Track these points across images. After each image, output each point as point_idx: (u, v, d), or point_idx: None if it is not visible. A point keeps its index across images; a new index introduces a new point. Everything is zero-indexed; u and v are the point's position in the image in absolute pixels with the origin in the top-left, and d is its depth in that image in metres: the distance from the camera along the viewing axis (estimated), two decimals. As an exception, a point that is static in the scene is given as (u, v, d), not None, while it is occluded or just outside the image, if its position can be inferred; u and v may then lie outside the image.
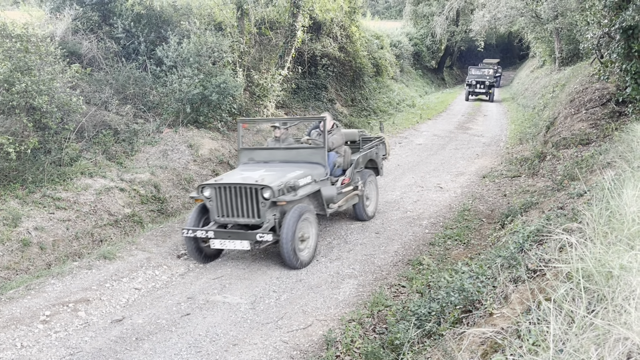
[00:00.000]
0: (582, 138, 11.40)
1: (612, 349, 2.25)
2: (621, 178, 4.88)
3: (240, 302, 6.41)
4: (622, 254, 3.02)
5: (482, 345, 3.46)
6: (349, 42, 21.64)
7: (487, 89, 31.99)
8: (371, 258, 7.77)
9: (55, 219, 8.58)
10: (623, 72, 10.80)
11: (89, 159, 10.35)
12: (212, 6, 15.43)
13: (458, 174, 13.00)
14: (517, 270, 4.61)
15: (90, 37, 13.10)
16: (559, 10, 20.72)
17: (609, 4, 10.31)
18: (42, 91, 9.15)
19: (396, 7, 46.95)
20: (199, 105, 12.70)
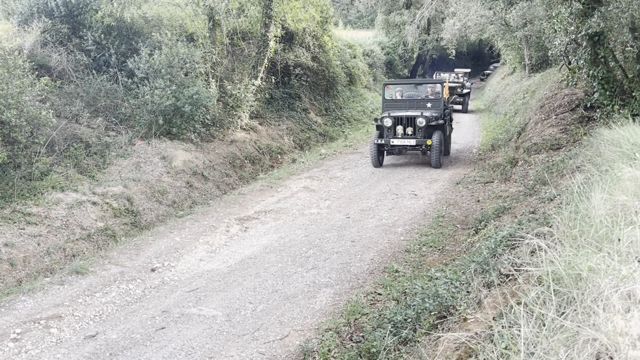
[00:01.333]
0: (552, 143, 11.57)
1: (581, 350, 2.28)
2: (590, 182, 4.97)
3: (216, 314, 6.36)
4: (591, 256, 3.07)
5: (457, 350, 3.48)
6: (322, 51, 21.72)
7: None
8: (347, 266, 7.77)
9: (25, 234, 8.42)
10: (590, 78, 11.01)
11: (60, 173, 10.20)
12: (183, 17, 15.37)
13: (432, 180, 13.10)
14: (490, 275, 4.66)
15: (59, 49, 12.95)
16: (528, 18, 21.05)
17: (575, 12, 10.51)
18: (10, 105, 9.01)
19: (368, 16, 47.29)
20: (172, 116, 12.61)
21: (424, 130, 13.96)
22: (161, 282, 7.46)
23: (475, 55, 52.55)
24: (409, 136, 14.10)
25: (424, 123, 13.81)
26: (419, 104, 15.14)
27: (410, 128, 14.05)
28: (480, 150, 16.86)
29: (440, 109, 14.84)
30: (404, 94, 15.77)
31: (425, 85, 16.12)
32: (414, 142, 13.94)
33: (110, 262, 7.98)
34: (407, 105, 15.16)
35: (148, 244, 8.79)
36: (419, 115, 13.99)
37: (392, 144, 14.11)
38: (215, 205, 11.12)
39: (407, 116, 14.11)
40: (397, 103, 15.38)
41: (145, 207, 10.57)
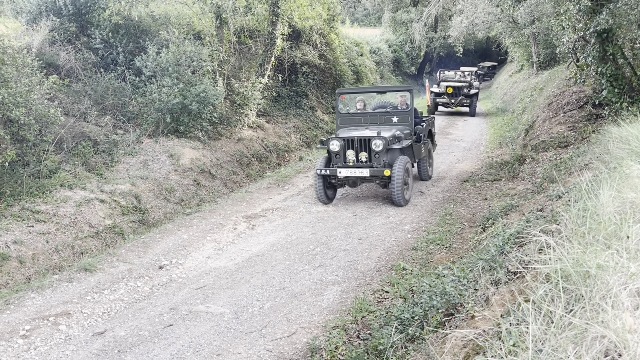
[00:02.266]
0: (560, 141, 11.53)
1: (589, 348, 2.27)
2: (598, 179, 4.94)
3: (224, 311, 6.38)
4: (599, 253, 3.05)
5: (464, 348, 3.48)
6: (329, 49, 21.70)
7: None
8: (354, 264, 7.78)
9: (34, 232, 8.47)
10: (599, 75, 10.95)
11: (69, 171, 10.25)
12: (190, 15, 15.40)
13: (439, 178, 13.08)
14: (498, 273, 4.65)
15: (67, 48, 13.00)
16: (535, 15, 20.95)
17: (584, 8, 10.46)
18: (19, 103, 9.06)
19: (375, 14, 47.23)
20: (179, 114, 12.64)
21: (383, 156, 10.46)
22: (169, 279, 7.49)
23: (483, 53, 52.34)
24: (362, 164, 10.52)
25: (381, 146, 10.26)
26: (383, 118, 11.88)
27: (365, 153, 10.50)
28: (488, 148, 16.80)
29: (408, 125, 11.61)
30: (368, 105, 13.00)
31: (393, 94, 13.39)
32: (367, 172, 10.25)
33: (118, 259, 8.02)
34: (369, 120, 11.88)
35: (156, 242, 8.82)
36: (374, 136, 10.39)
37: (340, 175, 10.44)
38: (223, 203, 11.15)
39: (360, 138, 10.53)
40: (355, 118, 12.08)
41: (153, 205, 10.61)
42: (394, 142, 10.69)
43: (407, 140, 11.07)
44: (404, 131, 11.26)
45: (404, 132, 11.22)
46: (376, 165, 10.39)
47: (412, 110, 11.65)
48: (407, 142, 10.91)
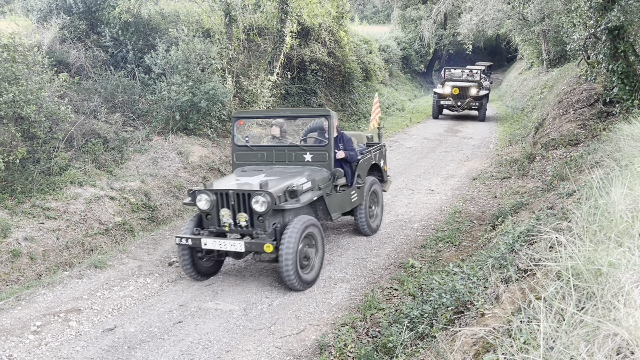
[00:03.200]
0: (570, 138, 11.47)
1: (601, 345, 2.26)
2: (609, 177, 4.91)
3: (233, 308, 6.39)
4: (611, 251, 3.04)
5: (474, 345, 3.47)
6: (338, 47, 21.67)
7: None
8: (363, 262, 7.77)
9: (45, 228, 8.53)
10: (610, 73, 10.89)
11: (79, 168, 10.30)
12: (200, 13, 15.43)
13: (448, 176, 13.04)
14: (508, 271, 4.64)
15: (78, 45, 13.06)
16: (546, 12, 20.82)
17: (595, 5, 10.39)
18: (30, 101, 9.11)
19: (384, 11, 47.10)
20: (188, 112, 12.67)
21: (271, 219, 6.81)
22: (178, 276, 7.51)
23: (493, 50, 52.13)
24: (242, 230, 6.86)
25: (264, 206, 6.56)
26: (293, 155, 8.06)
27: (245, 214, 6.80)
28: (497, 145, 16.74)
29: (326, 165, 7.82)
30: (294, 132, 9.83)
31: (310, 120, 9.94)
32: (242, 246, 6.61)
33: (128, 256, 8.05)
34: (274, 158, 8.17)
35: (165, 239, 8.85)
36: (256, 190, 6.69)
37: (206, 246, 6.82)
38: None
39: (237, 192, 6.80)
40: (255, 153, 8.29)
41: (162, 202, 10.64)
42: (292, 196, 6.87)
43: (316, 191, 7.35)
44: (316, 176, 7.48)
45: (316, 177, 7.45)
46: (256, 234, 6.67)
47: (330, 144, 7.76)
48: (309, 197, 7.05)
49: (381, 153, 9.47)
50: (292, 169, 7.80)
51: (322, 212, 7.72)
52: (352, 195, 8.24)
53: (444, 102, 22.97)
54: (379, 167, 9.40)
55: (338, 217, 7.99)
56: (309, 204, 7.31)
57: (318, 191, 7.38)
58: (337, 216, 7.90)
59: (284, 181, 7.11)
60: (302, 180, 7.19)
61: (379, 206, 9.29)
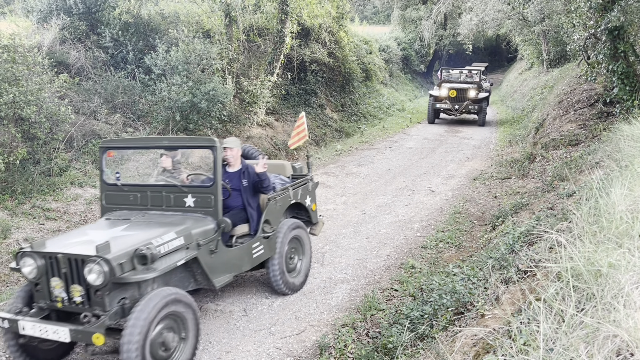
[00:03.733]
0: (571, 139, 11.47)
1: (601, 347, 2.26)
2: (609, 177, 4.92)
3: (233, 309, 6.39)
4: (611, 252, 3.04)
5: (474, 346, 3.47)
6: (338, 47, 21.67)
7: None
8: (363, 262, 7.78)
9: (45, 229, 8.53)
10: (610, 73, 10.89)
11: (79, 169, 10.31)
12: (200, 14, 15.43)
13: (449, 176, 13.04)
14: (508, 271, 4.64)
15: (78, 46, 13.06)
16: (546, 12, 20.84)
17: (595, 6, 10.39)
18: (30, 102, 9.11)
19: (384, 12, 47.11)
20: (189, 113, 12.67)
21: (114, 295, 4.83)
22: (178, 277, 7.50)
23: (493, 51, 52.14)
24: (76, 306, 4.85)
25: (100, 279, 4.62)
26: (171, 198, 6.04)
27: (78, 287, 4.81)
28: (498, 146, 16.74)
29: (212, 213, 5.84)
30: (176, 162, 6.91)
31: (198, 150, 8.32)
32: (67, 334, 4.60)
33: (128, 257, 8.03)
34: (148, 201, 6.13)
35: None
36: (89, 255, 4.70)
37: (24, 332, 4.77)
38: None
39: (68, 256, 4.82)
40: (126, 195, 6.24)
41: (162, 203, 10.63)
42: (142, 262, 4.87)
43: (191, 250, 5.37)
44: (194, 228, 5.49)
45: (193, 230, 5.45)
46: (90, 315, 4.72)
47: (217, 184, 5.71)
48: (172, 261, 5.11)
49: (307, 189, 7.31)
50: (168, 218, 5.74)
51: (200, 276, 5.62)
52: (256, 248, 6.21)
53: (440, 105, 21.54)
54: (305, 206, 7.31)
55: (226, 281, 5.83)
56: (185, 266, 5.39)
57: (193, 250, 5.34)
58: (223, 281, 5.77)
59: (140, 239, 5.07)
60: (168, 236, 5.19)
61: (305, 257, 7.11)
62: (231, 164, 6.42)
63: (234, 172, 6.40)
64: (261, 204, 6.53)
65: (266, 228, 6.40)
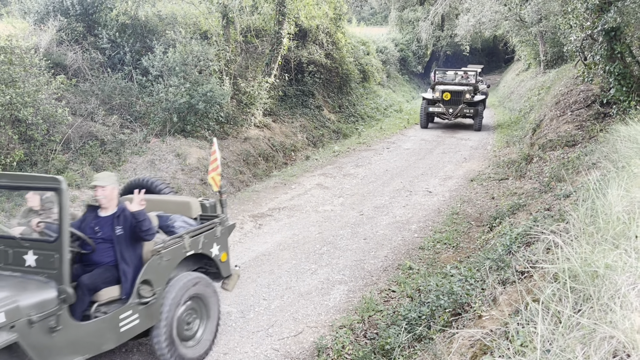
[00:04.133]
0: (568, 140, 11.49)
1: (598, 348, 2.26)
2: (606, 178, 4.92)
3: (231, 310, 6.39)
4: (608, 253, 3.04)
5: (472, 347, 3.47)
6: (335, 48, 21.68)
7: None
8: (361, 264, 7.78)
9: (42, 231, 8.50)
10: (607, 74, 10.91)
11: (76, 170, 10.29)
12: (197, 15, 15.41)
13: (446, 177, 13.05)
14: (505, 272, 4.64)
15: (75, 48, 13.04)
16: (543, 13, 20.88)
17: (591, 7, 10.42)
18: (27, 103, 9.10)
19: (381, 13, 47.13)
20: (186, 114, 12.66)
21: None
22: (176, 278, 7.49)
23: (490, 52, 52.18)
24: None
25: None
26: (10, 254, 4.51)
27: None
28: (495, 147, 16.75)
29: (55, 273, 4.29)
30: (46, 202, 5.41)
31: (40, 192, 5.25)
32: None
33: (125, 258, 8.02)
34: None
35: (163, 241, 8.83)
36: None
37: None
38: (229, 202, 11.15)
39: None
40: None
41: (159, 204, 10.62)
42: None
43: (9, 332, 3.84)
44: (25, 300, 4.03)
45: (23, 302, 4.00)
46: None
47: (62, 238, 4.29)
48: None
49: (213, 235, 5.60)
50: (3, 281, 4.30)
51: None
52: (126, 318, 4.71)
53: (434, 109, 20.44)
54: (211, 257, 5.64)
55: None
56: (9, 353, 3.86)
57: (15, 332, 3.85)
58: None
59: None
60: None
61: (211, 320, 5.52)
62: (104, 207, 4.97)
63: (105, 217, 4.97)
64: (145, 257, 5.00)
65: (144, 291, 4.81)
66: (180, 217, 5.62)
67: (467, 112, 20.07)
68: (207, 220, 5.77)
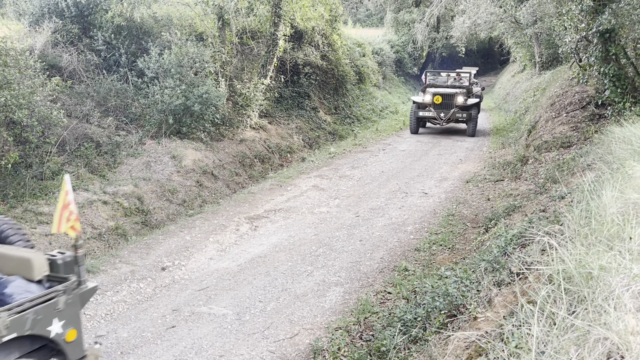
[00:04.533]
0: (563, 141, 11.51)
1: (592, 350, 2.27)
2: (601, 180, 4.94)
3: (226, 313, 6.38)
4: (602, 254, 3.05)
5: (467, 349, 3.47)
6: (331, 50, 21.69)
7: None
8: (357, 265, 7.78)
9: (37, 233, 8.48)
10: (601, 75, 10.93)
11: (71, 172, 10.26)
12: (192, 17, 15.40)
13: (442, 179, 13.06)
14: (501, 274, 4.65)
15: (70, 49, 13.02)
16: (538, 15, 20.93)
17: (586, 9, 10.45)
18: (22, 105, 9.07)
19: (377, 14, 47.17)
20: (182, 116, 12.65)
21: None
22: (171, 280, 7.49)
23: (485, 53, 52.28)
24: None
25: None
26: None
27: None
28: (491, 148, 16.78)
29: None
30: None
31: None
32: None
33: (121, 261, 8.02)
34: None
35: (158, 243, 8.83)
36: None
37: None
38: (225, 204, 11.15)
39: None
40: None
41: (155, 206, 10.61)
42: None
43: None
44: None
45: None
46: None
47: None
48: None
49: (54, 308, 3.93)
50: None
51: None
52: None
53: (424, 113, 19.37)
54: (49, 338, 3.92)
55: None
56: None
57: None
58: None
59: None
60: None
61: None
62: None
63: None
64: None
65: None
66: (17, 279, 4.01)
67: (459, 117, 19.21)
68: (59, 282, 4.11)
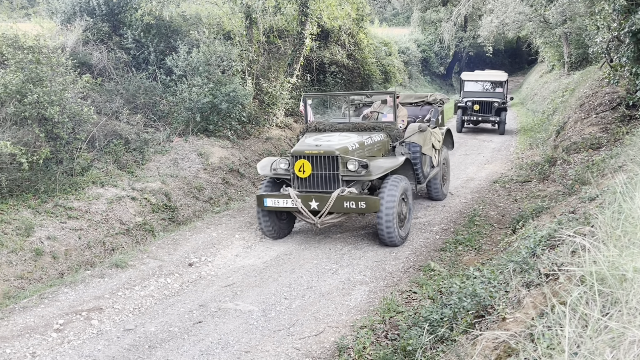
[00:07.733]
0: (592, 142, 11.34)
1: (627, 351, 2.24)
2: (633, 181, 4.85)
3: (252, 309, 6.42)
4: (636, 256, 3.00)
5: (496, 349, 3.44)
6: (357, 49, 21.67)
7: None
8: (382, 264, 7.76)
9: (67, 228, 8.63)
10: (633, 76, 10.74)
11: (100, 169, 10.42)
12: (220, 15, 15.52)
13: (468, 179, 12.97)
14: (530, 275, 4.60)
15: (100, 47, 13.21)
16: (568, 14, 20.64)
17: (619, 8, 10.27)
18: (53, 102, 9.24)
19: (404, 13, 47.00)
20: (209, 114, 12.76)
21: None
22: (198, 276, 7.56)
23: (513, 53, 51.75)
24: None
25: None
26: None
27: None
28: (518, 149, 16.60)
29: None
30: None
31: None
32: None
33: (148, 256, 8.12)
34: None
35: (185, 239, 8.91)
36: None
37: None
38: (251, 201, 11.21)
39: None
40: None
41: (182, 203, 10.72)
42: None
43: None
44: None
45: None
46: None
47: None
48: None
49: None
50: None
51: None
52: None
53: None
54: None
55: None
56: None
57: None
58: None
59: None
60: None
61: None
62: None
63: None
64: None
65: None
66: None
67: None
68: None
